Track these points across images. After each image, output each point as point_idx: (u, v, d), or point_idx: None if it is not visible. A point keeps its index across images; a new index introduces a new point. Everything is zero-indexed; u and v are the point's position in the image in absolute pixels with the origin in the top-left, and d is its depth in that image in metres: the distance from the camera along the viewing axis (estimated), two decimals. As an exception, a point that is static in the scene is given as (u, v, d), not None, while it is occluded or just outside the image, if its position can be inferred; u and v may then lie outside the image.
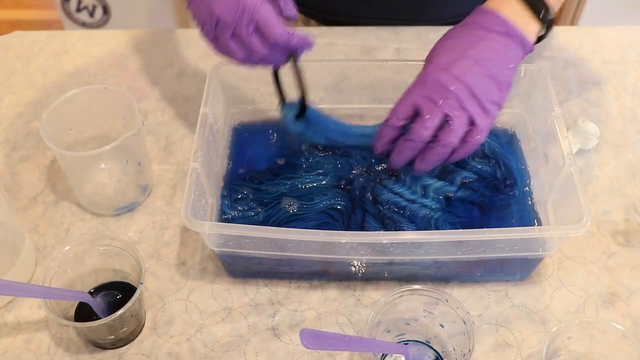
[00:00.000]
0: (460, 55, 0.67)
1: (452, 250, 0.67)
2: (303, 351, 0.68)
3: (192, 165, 0.68)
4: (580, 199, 0.64)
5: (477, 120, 0.67)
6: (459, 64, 0.67)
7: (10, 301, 0.72)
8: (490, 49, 0.67)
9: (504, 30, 0.68)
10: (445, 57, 0.68)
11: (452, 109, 0.66)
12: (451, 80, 0.66)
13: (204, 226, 0.63)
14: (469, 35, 0.69)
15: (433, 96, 0.67)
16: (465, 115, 0.66)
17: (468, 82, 0.66)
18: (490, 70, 0.67)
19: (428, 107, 0.67)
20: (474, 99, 0.66)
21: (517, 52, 0.68)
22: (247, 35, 0.67)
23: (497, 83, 0.67)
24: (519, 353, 0.67)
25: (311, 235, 0.63)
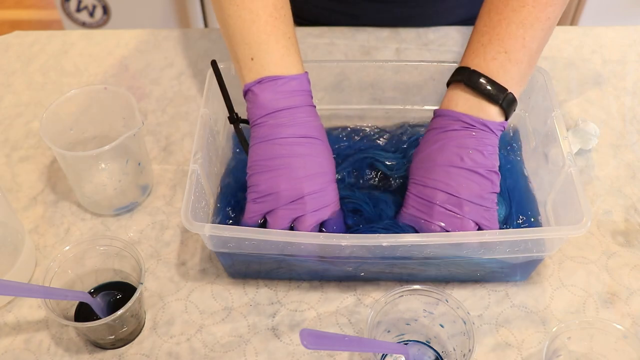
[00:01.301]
0: (432, 165, 0.67)
1: (453, 252, 0.67)
2: (303, 351, 0.68)
3: (192, 166, 0.67)
4: (580, 199, 0.64)
5: (480, 220, 0.66)
6: (433, 175, 0.66)
7: (10, 301, 0.72)
8: (457, 147, 0.66)
9: (464, 124, 0.67)
10: (421, 171, 0.68)
11: (446, 221, 0.66)
12: (432, 195, 0.66)
13: (204, 228, 0.63)
14: (433, 143, 0.68)
15: (423, 216, 0.67)
16: (464, 220, 0.65)
17: (448, 189, 0.65)
18: (465, 167, 0.66)
19: (425, 227, 0.67)
20: (464, 201, 0.65)
21: (485, 136, 0.66)
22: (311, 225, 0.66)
23: (479, 175, 0.66)
24: (519, 353, 0.67)
25: (311, 238, 0.63)
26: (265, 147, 0.67)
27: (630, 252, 0.75)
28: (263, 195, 0.67)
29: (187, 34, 1.03)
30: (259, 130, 0.68)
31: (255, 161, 0.67)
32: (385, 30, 1.00)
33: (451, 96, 0.69)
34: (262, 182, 0.67)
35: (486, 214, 0.66)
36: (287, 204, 0.66)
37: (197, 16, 1.88)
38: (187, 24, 1.89)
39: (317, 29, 1.01)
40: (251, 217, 0.68)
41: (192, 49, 1.00)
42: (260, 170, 0.67)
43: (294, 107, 0.67)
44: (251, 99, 0.68)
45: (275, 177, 0.66)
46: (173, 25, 1.91)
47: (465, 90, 0.68)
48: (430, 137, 0.69)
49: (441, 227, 0.66)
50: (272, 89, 0.67)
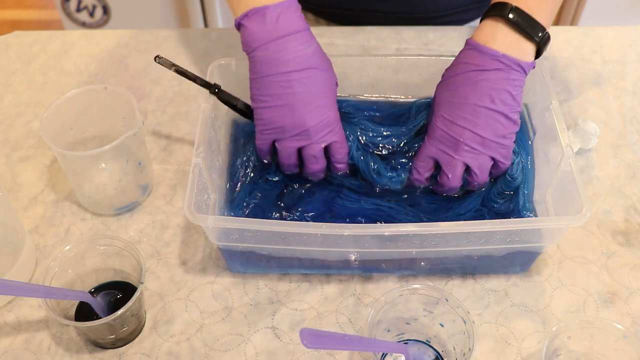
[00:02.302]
0: (462, 104, 0.68)
1: (454, 241, 0.67)
2: (303, 350, 0.68)
3: (195, 160, 0.68)
4: (579, 190, 0.65)
5: (496, 156, 0.70)
6: (462, 114, 0.68)
7: (10, 301, 0.72)
8: (489, 88, 0.67)
9: (500, 64, 0.67)
10: (448, 108, 0.70)
11: (468, 158, 0.69)
12: (459, 132, 0.69)
13: (207, 220, 0.63)
14: (465, 80, 0.69)
15: (447, 150, 0.70)
16: (483, 156, 0.69)
17: (475, 129, 0.68)
18: (494, 109, 0.68)
19: (446, 161, 0.70)
20: (486, 140, 0.68)
21: (517, 78, 0.68)
22: (317, 150, 0.71)
23: (505, 117, 0.68)
24: (518, 352, 0.67)
25: (314, 228, 0.63)
26: (262, 83, 0.69)
27: (630, 251, 0.75)
28: (269, 128, 0.71)
29: (187, 34, 1.03)
30: (254, 65, 0.70)
31: (256, 95, 0.71)
32: (385, 29, 1.00)
33: (489, 30, 0.69)
34: (265, 116, 0.71)
35: (504, 151, 0.70)
36: (292, 135, 0.70)
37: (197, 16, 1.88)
38: (187, 24, 1.89)
39: (317, 29, 1.01)
40: (261, 145, 0.73)
41: (192, 49, 1.00)
42: (262, 105, 0.70)
43: (284, 37, 0.68)
44: (242, 33, 0.70)
45: (277, 114, 0.70)
46: (173, 25, 1.91)
47: (506, 26, 0.68)
48: (464, 73, 0.69)
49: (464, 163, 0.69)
50: (260, 21, 0.68)
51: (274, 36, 0.68)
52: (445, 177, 0.71)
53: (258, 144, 0.74)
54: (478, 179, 0.71)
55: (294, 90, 0.69)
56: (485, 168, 0.70)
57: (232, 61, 0.79)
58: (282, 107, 0.69)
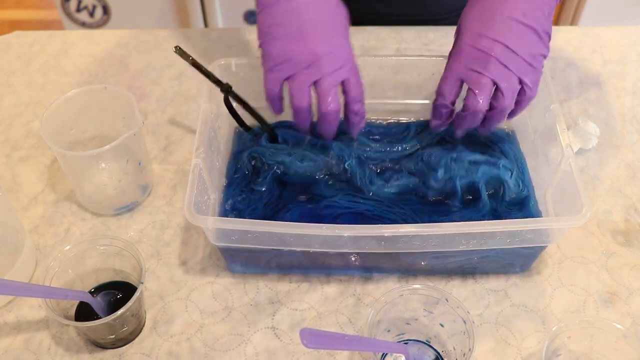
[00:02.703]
0: (492, 16, 0.66)
1: (453, 242, 0.67)
2: (303, 351, 0.68)
3: (195, 161, 0.68)
4: (579, 191, 0.64)
5: (525, 78, 0.66)
6: (493, 26, 0.65)
7: (10, 301, 0.72)
8: (522, 2, 0.65)
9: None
10: (477, 22, 0.67)
11: (498, 75, 0.66)
12: (489, 46, 0.65)
13: (207, 221, 0.63)
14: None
15: (476, 67, 0.66)
16: (513, 76, 0.66)
17: (506, 42, 0.65)
18: (526, 23, 0.65)
19: (474, 79, 0.66)
20: (517, 57, 0.65)
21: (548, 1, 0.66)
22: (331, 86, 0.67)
23: (536, 34, 0.66)
24: (518, 352, 0.67)
25: (314, 229, 0.63)
26: (271, 13, 0.66)
27: (630, 251, 0.75)
28: (278, 63, 0.66)
29: (187, 34, 1.03)
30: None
31: (265, 28, 0.67)
32: (385, 29, 1.00)
33: None
34: (274, 49, 0.66)
35: (533, 75, 0.67)
36: (304, 68, 0.66)
37: (197, 16, 1.88)
38: (187, 24, 1.89)
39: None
40: (270, 87, 0.68)
41: (192, 49, 1.00)
42: (271, 37, 0.67)
43: None
44: None
45: (287, 44, 0.66)
46: (173, 25, 1.91)
47: None
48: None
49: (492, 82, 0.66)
50: None
51: None
52: (473, 97, 0.66)
53: (267, 87, 0.68)
54: (504, 102, 0.66)
55: (301, 16, 0.65)
56: (513, 90, 0.67)
57: (232, 61, 0.78)
58: (290, 37, 0.65)
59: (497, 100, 0.67)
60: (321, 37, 0.66)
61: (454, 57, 0.68)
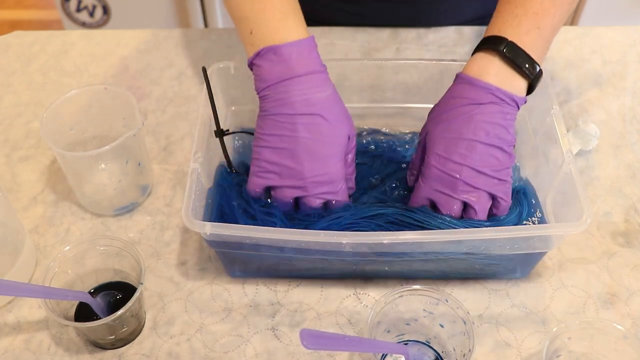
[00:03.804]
0: (457, 139, 0.66)
1: (453, 249, 0.67)
2: (303, 351, 0.68)
3: (193, 165, 0.68)
4: (580, 196, 0.64)
5: (494, 192, 0.67)
6: (458, 149, 0.66)
7: (10, 301, 0.72)
8: (483, 122, 0.66)
9: (494, 98, 0.66)
10: (443, 144, 0.67)
11: (467, 196, 0.67)
12: (455, 169, 0.66)
13: (205, 227, 0.63)
14: (459, 115, 0.67)
15: (444, 189, 0.67)
16: (482, 193, 0.67)
17: (472, 164, 0.66)
18: (490, 143, 0.66)
19: (443, 200, 0.67)
20: (484, 176, 0.66)
21: (511, 111, 0.67)
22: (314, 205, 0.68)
23: (501, 150, 0.66)
24: (518, 353, 0.67)
25: (312, 236, 0.63)
26: (268, 122, 0.67)
27: (630, 252, 0.75)
28: (266, 171, 0.67)
29: (187, 34, 1.03)
30: (263, 103, 0.68)
31: (260, 134, 0.68)
32: (385, 30, 1.00)
33: (483, 64, 0.67)
34: (265, 157, 0.67)
35: (503, 187, 0.68)
36: (289, 186, 0.67)
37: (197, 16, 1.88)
38: (187, 24, 1.89)
39: (317, 29, 1.01)
40: (254, 188, 0.69)
41: (192, 49, 1.00)
42: (263, 144, 0.67)
43: (296, 77, 0.65)
44: (254, 72, 0.68)
45: (276, 156, 0.66)
46: (173, 25, 1.91)
47: (500, 61, 0.66)
48: (457, 108, 0.67)
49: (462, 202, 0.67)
50: (270, 60, 0.66)
51: (284, 76, 0.65)
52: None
53: (250, 187, 0.69)
54: (476, 218, 0.68)
55: (297, 135, 0.65)
56: (485, 206, 0.68)
57: (231, 64, 0.78)
58: (282, 150, 0.66)
59: (469, 215, 0.68)
60: (312, 161, 0.66)
61: (423, 178, 0.69)
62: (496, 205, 0.69)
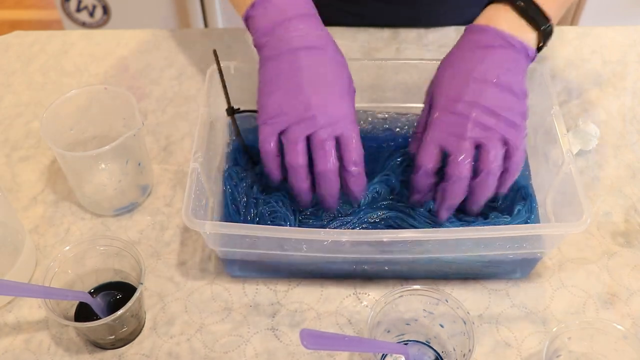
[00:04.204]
0: (467, 79, 0.64)
1: (453, 248, 0.67)
2: (303, 351, 0.68)
3: (193, 165, 0.68)
4: (580, 196, 0.64)
5: (508, 136, 0.63)
6: (469, 89, 0.63)
7: (10, 301, 0.72)
8: (495, 63, 0.64)
9: (504, 42, 0.65)
10: (453, 86, 0.65)
11: (480, 135, 0.63)
12: (468, 108, 0.63)
13: (205, 226, 0.63)
14: (469, 57, 0.65)
15: (456, 130, 0.63)
16: (495, 134, 0.63)
17: (485, 103, 0.63)
18: (502, 84, 0.64)
19: (455, 144, 0.63)
20: (498, 117, 0.63)
21: (522, 61, 0.66)
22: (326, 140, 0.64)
23: (514, 94, 0.64)
24: (518, 353, 0.67)
25: (312, 234, 0.63)
26: (267, 67, 0.66)
27: (630, 252, 0.75)
28: (272, 116, 0.65)
29: (187, 34, 1.03)
30: (261, 52, 0.67)
31: (263, 81, 0.66)
32: (385, 30, 1.00)
33: (492, 14, 0.66)
34: (269, 103, 0.65)
35: (516, 132, 0.64)
36: (298, 121, 0.64)
37: (197, 16, 1.88)
38: (187, 24, 1.89)
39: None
40: (265, 140, 0.66)
41: (192, 49, 1.00)
42: (266, 91, 0.65)
43: (288, 19, 0.65)
44: (249, 25, 0.68)
45: (282, 97, 0.64)
46: (173, 25, 1.91)
47: (511, 10, 0.65)
48: (464, 52, 0.66)
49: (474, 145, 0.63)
50: (264, 7, 0.66)
51: (280, 19, 0.65)
52: (455, 163, 0.63)
53: (261, 141, 0.66)
54: (490, 164, 0.62)
55: (300, 67, 0.64)
56: (499, 150, 0.63)
57: (231, 64, 0.78)
58: (286, 90, 0.64)
59: (482, 162, 0.63)
60: (318, 92, 0.64)
61: (432, 124, 0.65)
62: (507, 157, 0.64)
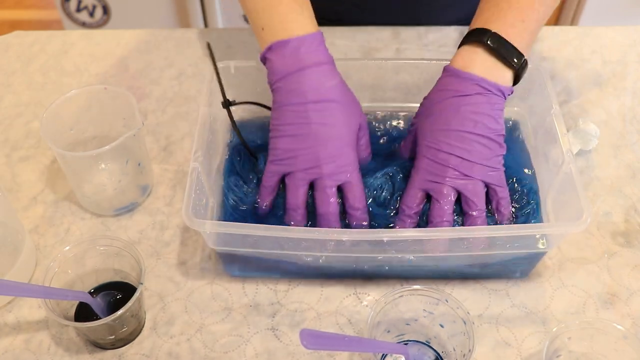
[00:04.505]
0: (446, 131, 0.68)
1: (453, 247, 0.67)
2: (303, 351, 0.68)
3: (193, 164, 0.68)
4: (580, 196, 0.64)
5: (488, 180, 0.68)
6: (447, 140, 0.67)
7: (10, 301, 0.72)
8: (471, 113, 0.67)
9: (479, 89, 0.67)
10: (432, 136, 0.69)
11: (459, 184, 0.67)
12: (446, 159, 0.67)
13: (205, 225, 0.63)
14: (447, 107, 0.68)
15: (436, 179, 0.68)
16: (475, 180, 0.67)
17: (461, 154, 0.67)
18: (478, 133, 0.67)
19: (437, 189, 0.68)
20: (475, 165, 0.67)
21: (498, 101, 0.68)
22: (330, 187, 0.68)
23: (490, 139, 0.67)
24: (518, 353, 0.67)
25: (312, 233, 0.63)
26: (281, 113, 0.69)
27: (630, 252, 0.75)
28: (281, 158, 0.70)
29: (187, 34, 1.03)
30: (275, 95, 0.70)
31: (275, 125, 0.70)
32: (385, 30, 1.00)
33: (468, 56, 0.69)
34: (280, 146, 0.69)
35: (494, 174, 0.68)
36: (304, 169, 0.69)
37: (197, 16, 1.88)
38: (187, 24, 1.89)
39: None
40: (269, 177, 0.71)
41: (192, 49, 1.00)
42: (278, 134, 0.69)
43: (305, 68, 0.68)
44: (267, 66, 0.71)
45: (293, 143, 0.69)
46: (173, 25, 1.91)
47: (484, 52, 0.68)
48: (444, 100, 0.69)
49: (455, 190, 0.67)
50: (281, 54, 0.69)
51: (294, 68, 0.68)
52: (437, 206, 0.68)
53: (266, 179, 0.71)
54: (476, 206, 0.68)
55: (309, 121, 0.68)
56: (480, 194, 0.68)
57: (231, 64, 0.78)
58: (296, 137, 0.68)
59: (468, 205, 0.68)
60: (326, 144, 0.68)
61: (415, 171, 0.70)
62: (492, 194, 0.69)
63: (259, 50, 0.71)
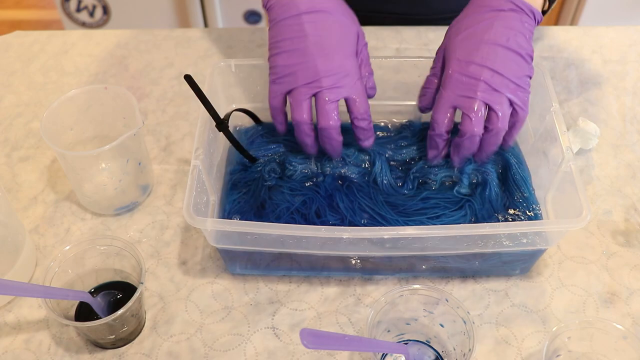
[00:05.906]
0: (478, 43, 0.68)
1: (453, 244, 0.67)
2: (303, 351, 0.68)
3: (194, 162, 0.68)
4: (579, 193, 0.65)
5: (515, 98, 0.68)
6: (479, 52, 0.68)
7: (10, 301, 0.72)
8: (504, 27, 0.68)
9: (513, 5, 0.69)
10: (464, 49, 0.69)
11: (489, 98, 0.67)
12: (477, 71, 0.67)
13: (206, 222, 0.63)
14: (480, 21, 0.69)
15: (467, 92, 0.68)
16: (503, 97, 0.68)
17: (493, 66, 0.67)
18: (510, 48, 0.68)
19: (467, 104, 0.68)
20: (505, 79, 0.67)
21: (529, 23, 0.69)
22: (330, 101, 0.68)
23: (521, 57, 0.68)
24: (518, 353, 0.67)
25: (312, 231, 0.63)
26: (277, 30, 0.70)
27: (630, 252, 0.75)
28: (281, 76, 0.69)
29: (187, 34, 1.03)
30: (270, 13, 0.71)
31: (271, 43, 0.70)
32: (385, 29, 1.00)
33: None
34: (278, 63, 0.69)
35: (522, 94, 0.69)
36: (304, 84, 0.68)
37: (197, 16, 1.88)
38: (187, 24, 1.89)
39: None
40: (273, 97, 0.71)
41: (192, 49, 1.00)
42: (276, 52, 0.70)
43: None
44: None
45: (291, 58, 0.69)
46: (173, 25, 1.91)
47: None
48: (475, 15, 0.70)
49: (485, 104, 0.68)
50: None
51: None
52: (468, 121, 0.68)
53: (270, 99, 0.71)
54: (498, 123, 0.68)
55: (305, 33, 0.68)
56: (505, 110, 0.68)
57: (232, 62, 0.78)
58: (294, 52, 0.68)
59: (491, 122, 0.68)
60: (324, 55, 0.68)
61: (445, 85, 0.70)
62: (514, 115, 0.69)
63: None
